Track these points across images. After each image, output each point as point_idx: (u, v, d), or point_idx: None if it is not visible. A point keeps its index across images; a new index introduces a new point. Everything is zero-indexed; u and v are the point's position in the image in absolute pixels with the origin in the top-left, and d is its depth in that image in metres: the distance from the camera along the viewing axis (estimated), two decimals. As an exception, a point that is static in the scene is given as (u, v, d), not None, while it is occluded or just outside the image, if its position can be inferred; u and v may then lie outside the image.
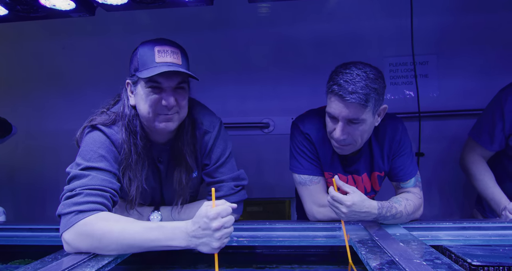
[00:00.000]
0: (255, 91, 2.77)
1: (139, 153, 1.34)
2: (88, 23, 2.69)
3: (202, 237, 1.07)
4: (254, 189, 2.72)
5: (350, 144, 1.43)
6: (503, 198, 1.77)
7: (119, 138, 1.32)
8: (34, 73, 2.89)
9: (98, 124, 1.32)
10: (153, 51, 1.26)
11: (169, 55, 1.27)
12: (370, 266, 1.00)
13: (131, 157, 1.33)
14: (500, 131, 1.80)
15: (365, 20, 2.66)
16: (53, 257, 1.11)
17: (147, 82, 1.26)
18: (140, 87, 1.29)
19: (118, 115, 1.36)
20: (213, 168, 1.47)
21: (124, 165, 1.32)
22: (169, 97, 1.27)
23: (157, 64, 1.25)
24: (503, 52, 2.54)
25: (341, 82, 1.33)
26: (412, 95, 2.68)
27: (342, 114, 1.35)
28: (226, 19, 2.72)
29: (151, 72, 1.22)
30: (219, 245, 1.06)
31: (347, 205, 1.30)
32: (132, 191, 1.34)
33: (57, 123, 2.82)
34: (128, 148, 1.32)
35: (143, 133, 1.37)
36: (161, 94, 1.28)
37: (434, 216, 2.70)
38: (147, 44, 1.29)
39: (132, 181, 1.34)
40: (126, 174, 1.33)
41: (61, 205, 1.16)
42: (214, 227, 1.05)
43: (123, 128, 1.33)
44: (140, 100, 1.30)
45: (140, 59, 1.27)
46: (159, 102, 1.28)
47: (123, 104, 1.37)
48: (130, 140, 1.33)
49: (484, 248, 1.21)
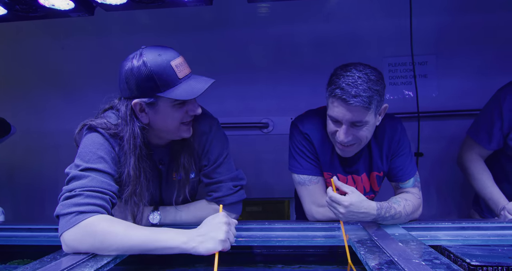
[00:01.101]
0: (254, 91, 2.77)
1: (148, 179, 1.35)
2: (87, 23, 2.68)
3: (208, 232, 1.09)
4: (253, 189, 2.72)
5: (354, 143, 1.43)
6: (501, 197, 1.78)
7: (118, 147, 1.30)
8: (33, 73, 2.88)
9: (97, 127, 1.30)
10: (171, 68, 1.22)
11: (184, 66, 1.27)
12: (369, 266, 1.00)
13: (140, 184, 1.31)
14: (498, 130, 1.80)
15: (364, 20, 2.66)
16: (52, 257, 1.11)
17: (175, 100, 1.25)
18: (163, 106, 1.26)
19: (121, 137, 1.30)
20: (211, 168, 1.46)
21: (131, 191, 1.30)
22: (197, 107, 1.31)
23: (181, 80, 1.24)
24: (501, 52, 2.54)
25: (343, 85, 1.32)
26: (411, 96, 2.68)
27: (346, 117, 1.35)
28: (225, 19, 2.72)
29: (187, 92, 1.22)
30: (225, 238, 1.08)
31: (345, 205, 1.30)
32: (136, 212, 1.34)
33: (56, 123, 2.83)
34: (138, 174, 1.30)
35: (146, 148, 1.34)
36: (186, 105, 1.29)
37: (433, 216, 2.70)
38: (156, 59, 1.21)
39: (137, 205, 1.33)
40: (131, 199, 1.31)
41: (60, 206, 1.15)
42: (223, 220, 1.11)
43: (132, 156, 1.28)
44: (165, 118, 1.29)
45: (159, 79, 1.21)
46: (185, 113, 1.30)
47: (130, 129, 1.28)
48: (141, 166, 1.31)
49: (483, 248, 1.21)
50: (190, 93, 1.22)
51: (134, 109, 1.28)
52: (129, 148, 1.28)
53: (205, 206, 1.49)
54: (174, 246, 1.09)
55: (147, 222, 1.44)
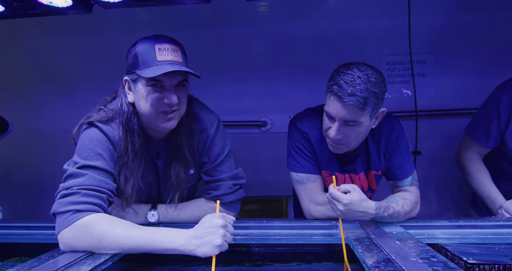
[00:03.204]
0: (252, 90, 2.77)
1: (135, 151, 1.34)
2: (85, 20, 2.67)
3: (205, 236, 1.08)
4: (251, 187, 2.72)
5: (343, 144, 1.44)
6: (498, 196, 1.78)
7: (116, 135, 1.31)
8: (31, 70, 2.87)
9: (95, 121, 1.31)
10: (154, 50, 1.25)
11: (169, 53, 1.26)
12: (367, 264, 1.00)
13: (128, 155, 1.32)
14: (496, 128, 1.80)
15: (363, 19, 2.66)
16: (49, 255, 1.11)
17: (148, 81, 1.25)
18: (140, 85, 1.28)
19: (115, 113, 1.34)
20: (212, 166, 1.46)
21: (121, 163, 1.31)
22: (172, 95, 1.27)
23: (158, 62, 1.24)
24: (499, 51, 2.55)
25: (341, 82, 1.32)
26: (409, 94, 2.69)
27: (339, 114, 1.35)
28: (224, 17, 2.72)
29: (154, 71, 1.21)
30: (222, 242, 1.07)
31: (344, 203, 1.30)
32: (128, 189, 1.34)
33: (54, 120, 2.81)
34: (125, 146, 1.31)
35: (141, 131, 1.36)
36: (163, 92, 1.27)
37: (431, 214, 2.71)
38: (147, 41, 1.28)
39: (128, 179, 1.33)
40: (122, 172, 1.32)
41: (57, 204, 1.15)
42: (219, 223, 1.09)
43: (120, 126, 1.31)
44: (141, 99, 1.29)
45: (141, 57, 1.25)
46: (160, 100, 1.27)
47: (121, 101, 1.35)
48: (127, 138, 1.32)
49: (479, 247, 1.22)
50: (154, 72, 1.22)
51: (124, 86, 1.35)
52: (118, 117, 1.32)
53: (203, 204, 1.49)
54: (171, 248, 1.09)
55: (146, 220, 1.44)
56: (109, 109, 1.36)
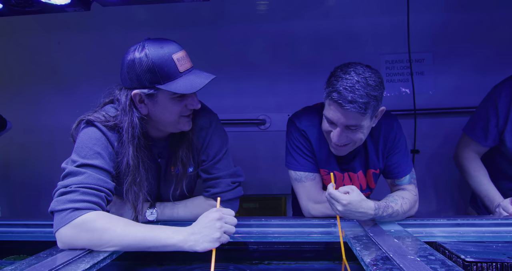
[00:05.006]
0: (251, 88, 2.76)
1: (146, 169, 1.35)
2: (84, 18, 2.66)
3: (202, 231, 1.10)
4: (250, 186, 2.72)
5: (348, 143, 1.43)
6: (496, 195, 1.79)
7: (117, 142, 1.30)
8: (29, 68, 2.86)
9: (94, 120, 1.29)
10: (173, 61, 1.22)
11: (186, 60, 1.27)
12: (365, 262, 1.00)
13: (140, 174, 1.32)
14: (494, 127, 1.81)
15: (362, 17, 2.66)
16: (48, 253, 1.11)
17: (174, 93, 1.25)
18: (163, 98, 1.27)
19: (119, 127, 1.30)
20: (210, 164, 1.46)
21: (130, 180, 1.30)
22: (196, 101, 1.31)
23: (181, 74, 1.24)
24: (497, 50, 2.55)
25: (340, 89, 1.31)
26: (408, 93, 2.69)
27: (340, 121, 1.35)
28: (223, 15, 2.71)
29: (186, 85, 1.22)
30: (220, 235, 1.09)
31: (343, 203, 1.30)
32: (138, 206, 1.35)
33: (53, 118, 2.81)
34: (137, 164, 1.30)
35: (145, 139, 1.34)
36: (186, 99, 1.29)
37: (429, 212, 2.72)
38: (157, 51, 1.22)
39: (137, 195, 1.33)
40: (131, 189, 1.31)
41: (55, 201, 1.14)
42: (215, 216, 1.12)
43: (130, 145, 1.29)
44: (164, 110, 1.29)
45: (159, 71, 1.21)
46: (184, 107, 1.30)
47: (130, 120, 1.28)
48: (139, 156, 1.31)
49: (477, 245, 1.22)
50: (189, 87, 1.23)
51: (133, 100, 1.29)
52: (128, 137, 1.28)
53: (202, 202, 1.48)
54: (171, 244, 1.10)
55: (144, 219, 1.44)
56: (109, 115, 1.32)
